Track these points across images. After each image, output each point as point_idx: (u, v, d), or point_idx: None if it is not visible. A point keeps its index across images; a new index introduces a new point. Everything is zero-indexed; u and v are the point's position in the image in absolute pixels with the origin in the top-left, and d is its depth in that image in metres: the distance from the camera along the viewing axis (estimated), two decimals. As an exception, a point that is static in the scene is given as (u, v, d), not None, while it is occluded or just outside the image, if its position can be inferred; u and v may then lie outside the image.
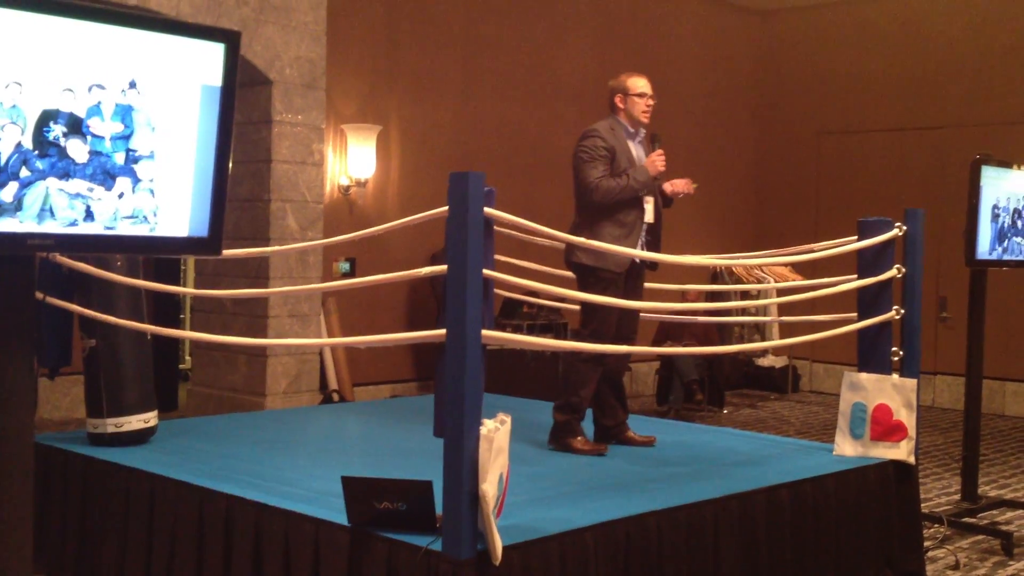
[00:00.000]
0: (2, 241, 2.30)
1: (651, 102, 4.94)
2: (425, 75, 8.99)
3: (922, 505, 5.19)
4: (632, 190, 4.74)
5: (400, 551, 3.20)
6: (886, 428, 4.71)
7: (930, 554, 5.14)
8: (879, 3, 11.17)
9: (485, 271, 3.20)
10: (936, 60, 10.72)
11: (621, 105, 4.94)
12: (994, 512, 6.04)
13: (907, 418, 4.69)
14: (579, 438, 4.74)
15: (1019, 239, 5.96)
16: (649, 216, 4.85)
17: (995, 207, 5.75)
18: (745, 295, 9.83)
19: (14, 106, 2.27)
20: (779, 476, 4.30)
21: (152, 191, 2.51)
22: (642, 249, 4.82)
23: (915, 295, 4.90)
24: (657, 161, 4.79)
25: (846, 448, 4.78)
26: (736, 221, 11.80)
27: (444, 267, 3.19)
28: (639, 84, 4.93)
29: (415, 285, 8.77)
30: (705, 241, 11.05)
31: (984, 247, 5.71)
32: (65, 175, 2.36)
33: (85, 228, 2.41)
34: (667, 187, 4.94)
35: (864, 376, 4.78)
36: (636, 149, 4.94)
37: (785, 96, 11.87)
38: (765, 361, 11.16)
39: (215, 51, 2.58)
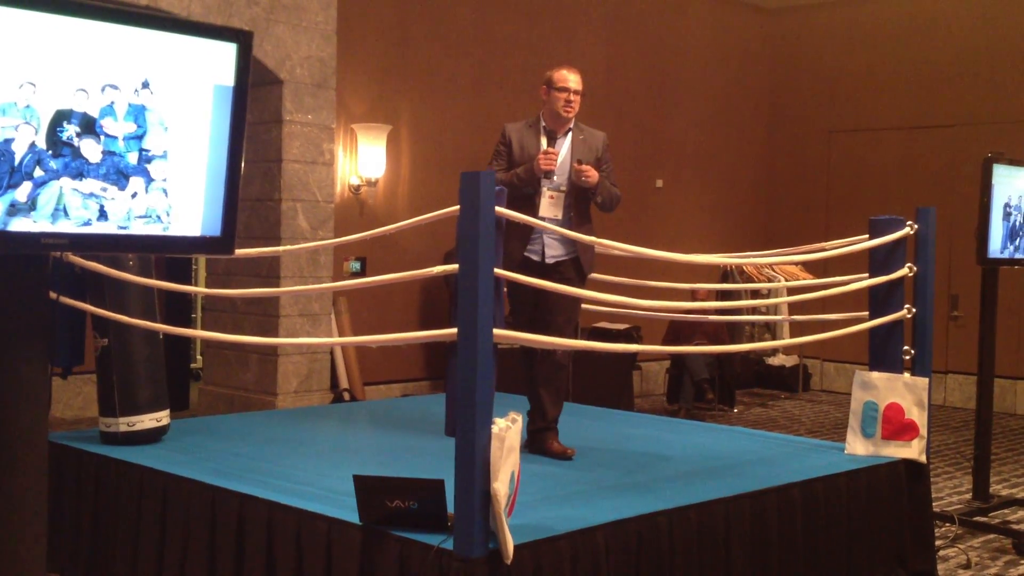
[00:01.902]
0: (16, 241, 2.32)
1: (573, 98, 4.74)
2: (435, 74, 9.00)
3: (933, 504, 5.19)
4: (514, 187, 4.62)
5: (412, 550, 3.21)
6: (897, 427, 4.70)
7: (941, 553, 5.13)
8: (890, 1, 11.13)
9: (496, 270, 3.20)
10: (947, 58, 10.68)
11: (544, 98, 4.81)
12: (1006, 511, 6.03)
13: (919, 417, 4.68)
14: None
15: (1031, 237, 5.94)
16: (546, 211, 4.68)
17: (1007, 205, 5.73)
18: (755, 294, 9.82)
19: (28, 106, 2.28)
20: (790, 475, 4.30)
21: (165, 191, 2.52)
22: (542, 247, 4.68)
23: (927, 294, 4.89)
24: (541, 160, 4.62)
25: (857, 447, 4.77)
26: (746, 220, 11.79)
27: (455, 266, 3.19)
28: (561, 78, 4.76)
29: (426, 284, 8.78)
30: (715, 240, 11.05)
31: (996, 245, 5.69)
32: (79, 175, 2.37)
33: (99, 228, 2.42)
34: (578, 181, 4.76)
35: (875, 375, 4.77)
36: (556, 145, 4.76)
37: (795, 94, 11.85)
38: (776, 360, 11.14)
39: (227, 51, 2.58)
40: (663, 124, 10.96)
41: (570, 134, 4.82)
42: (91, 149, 2.38)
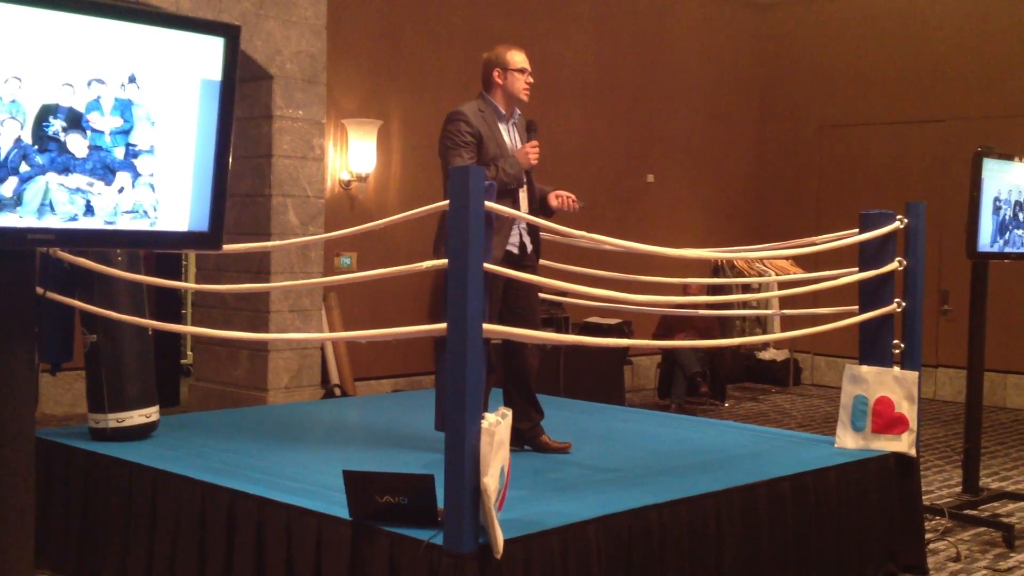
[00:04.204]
0: (2, 236, 2.30)
1: (531, 79, 4.62)
2: (426, 69, 8.98)
3: (923, 497, 5.19)
4: (500, 182, 4.36)
5: (402, 545, 3.21)
6: (887, 421, 4.71)
7: (931, 546, 5.14)
8: (880, -5, 11.15)
9: (486, 265, 3.20)
10: (938, 53, 10.70)
11: (499, 81, 4.58)
12: (995, 504, 6.04)
13: (908, 411, 4.69)
14: None
15: (1020, 231, 5.95)
16: (523, 204, 4.58)
17: (996, 199, 5.74)
18: (746, 288, 9.83)
19: (13, 101, 2.27)
20: (781, 469, 4.31)
21: (152, 186, 2.51)
22: (520, 240, 4.55)
23: (916, 288, 4.90)
24: (531, 153, 4.49)
25: (847, 441, 4.78)
26: (737, 214, 11.80)
27: (445, 261, 3.19)
28: (518, 59, 4.58)
29: (416, 279, 8.77)
30: (706, 234, 11.06)
31: (985, 240, 5.70)
32: (65, 170, 2.36)
33: (85, 223, 2.41)
34: (553, 201, 4.68)
35: (865, 369, 4.78)
36: (509, 133, 4.63)
37: (787, 89, 11.86)
38: (766, 354, 11.16)
39: (215, 45, 2.57)
40: (654, 119, 10.96)
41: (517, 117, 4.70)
42: (77, 144, 2.37)
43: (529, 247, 4.64)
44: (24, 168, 2.30)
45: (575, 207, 4.69)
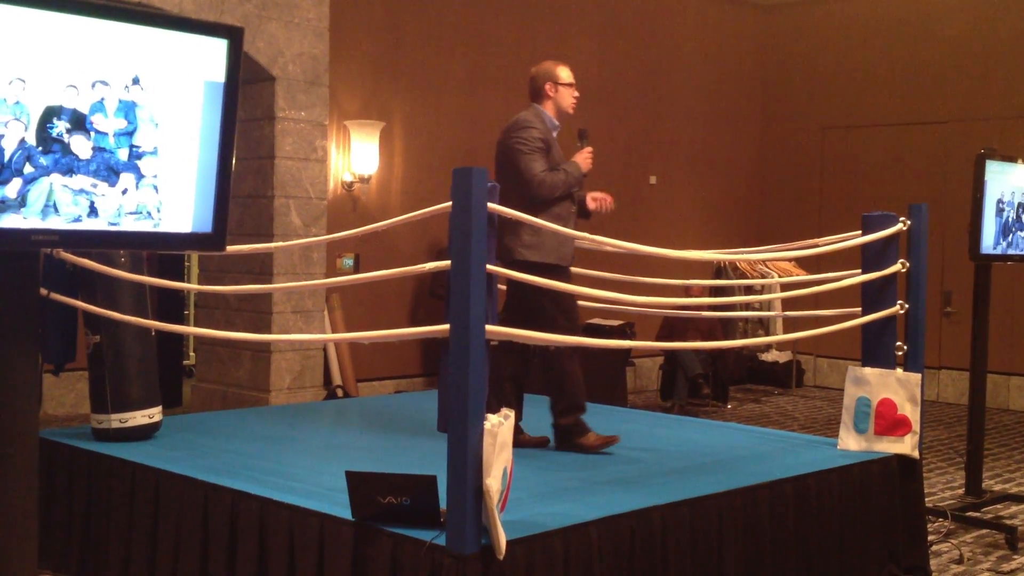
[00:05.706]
0: (6, 237, 2.31)
1: (577, 93, 4.81)
2: (428, 71, 8.99)
3: (926, 499, 5.19)
4: (567, 185, 4.64)
5: (404, 546, 3.21)
6: (890, 422, 4.71)
7: (934, 548, 5.14)
8: (883, -3, 11.15)
9: (488, 266, 3.20)
10: (940, 54, 10.70)
11: (551, 94, 4.75)
12: (998, 506, 6.04)
13: (911, 412, 4.69)
14: (590, 435, 4.66)
15: (1023, 233, 5.95)
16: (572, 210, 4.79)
17: (999, 201, 5.74)
18: (749, 290, 9.83)
19: (18, 102, 2.27)
20: (783, 471, 4.31)
21: (156, 187, 2.51)
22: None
23: (919, 290, 4.90)
24: (591, 159, 4.70)
25: (850, 443, 4.78)
26: (740, 216, 11.80)
27: (447, 262, 3.19)
28: (567, 74, 4.79)
29: (419, 281, 8.78)
30: (709, 236, 11.06)
31: (988, 241, 5.70)
32: (69, 171, 2.37)
33: (89, 224, 2.41)
34: (591, 203, 4.85)
35: (868, 371, 4.78)
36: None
37: (789, 91, 11.86)
38: (769, 356, 11.15)
39: (218, 47, 2.58)
40: (656, 121, 10.96)
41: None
42: (81, 145, 2.38)
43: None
44: (28, 169, 2.31)
45: (610, 207, 4.85)
